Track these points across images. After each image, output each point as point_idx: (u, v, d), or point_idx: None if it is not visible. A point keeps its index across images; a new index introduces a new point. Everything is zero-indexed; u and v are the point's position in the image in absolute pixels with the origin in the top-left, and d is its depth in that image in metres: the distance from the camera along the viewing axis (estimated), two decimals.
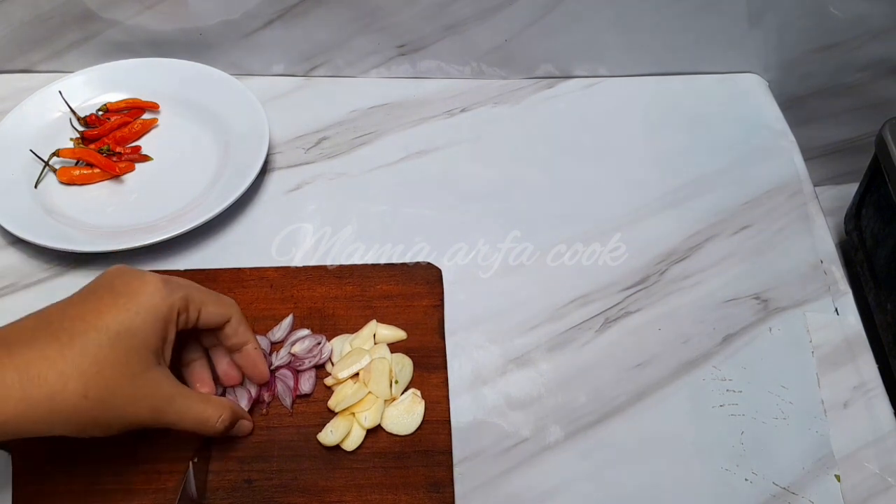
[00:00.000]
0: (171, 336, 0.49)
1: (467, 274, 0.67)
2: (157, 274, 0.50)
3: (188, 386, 0.54)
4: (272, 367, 0.57)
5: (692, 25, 0.79)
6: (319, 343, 0.59)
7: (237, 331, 0.54)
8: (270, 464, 0.54)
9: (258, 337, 0.59)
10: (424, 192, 0.73)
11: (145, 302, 0.47)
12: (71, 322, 0.46)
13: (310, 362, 0.58)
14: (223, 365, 0.56)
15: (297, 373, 0.58)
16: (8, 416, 0.43)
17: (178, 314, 0.49)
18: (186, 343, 0.55)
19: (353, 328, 0.61)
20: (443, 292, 0.63)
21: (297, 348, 0.59)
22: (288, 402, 0.56)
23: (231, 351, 0.55)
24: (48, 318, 0.47)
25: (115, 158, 0.73)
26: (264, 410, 0.56)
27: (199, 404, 0.51)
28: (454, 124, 0.79)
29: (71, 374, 0.44)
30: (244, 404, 0.56)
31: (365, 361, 0.57)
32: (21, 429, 0.44)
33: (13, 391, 0.43)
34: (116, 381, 0.46)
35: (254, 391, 0.56)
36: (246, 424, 0.55)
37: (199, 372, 0.55)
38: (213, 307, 0.52)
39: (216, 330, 0.54)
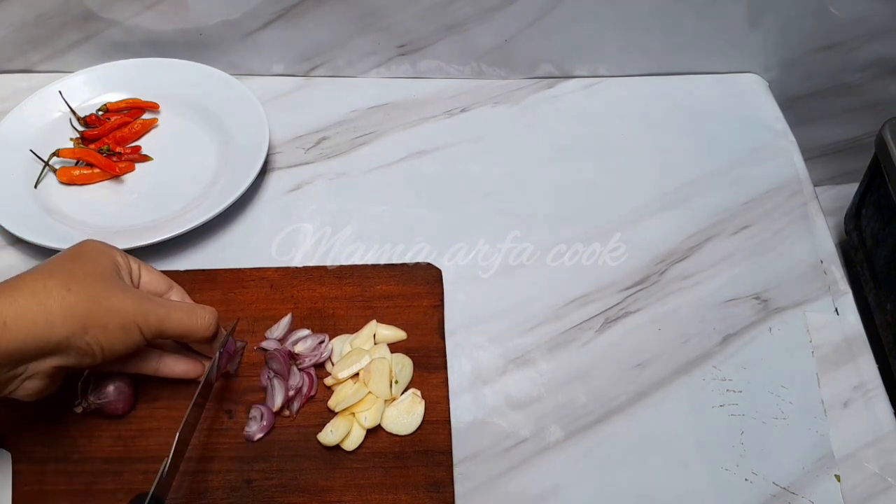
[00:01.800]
0: (124, 268, 0.53)
1: (467, 274, 0.67)
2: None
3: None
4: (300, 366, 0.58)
5: (692, 25, 0.79)
6: (322, 342, 0.59)
7: (183, 297, 0.57)
8: (270, 464, 0.54)
9: (270, 342, 0.59)
10: (424, 192, 0.73)
11: (89, 244, 0.53)
12: (32, 269, 0.51)
13: (311, 361, 0.58)
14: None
15: (312, 379, 0.58)
16: (6, 317, 0.46)
17: (120, 256, 0.54)
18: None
19: (353, 328, 0.61)
20: (443, 292, 0.63)
21: (299, 347, 0.59)
22: (296, 406, 0.56)
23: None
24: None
25: (115, 158, 0.73)
26: (287, 412, 0.56)
27: (182, 304, 0.55)
28: (454, 124, 0.79)
29: (45, 278, 0.48)
30: (279, 402, 0.56)
31: (365, 362, 0.57)
32: (24, 330, 0.46)
33: (1, 301, 0.46)
34: (92, 278, 0.50)
35: (284, 391, 0.57)
36: (224, 334, 0.57)
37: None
38: (151, 270, 0.56)
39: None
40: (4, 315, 0.46)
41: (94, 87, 0.78)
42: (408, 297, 0.62)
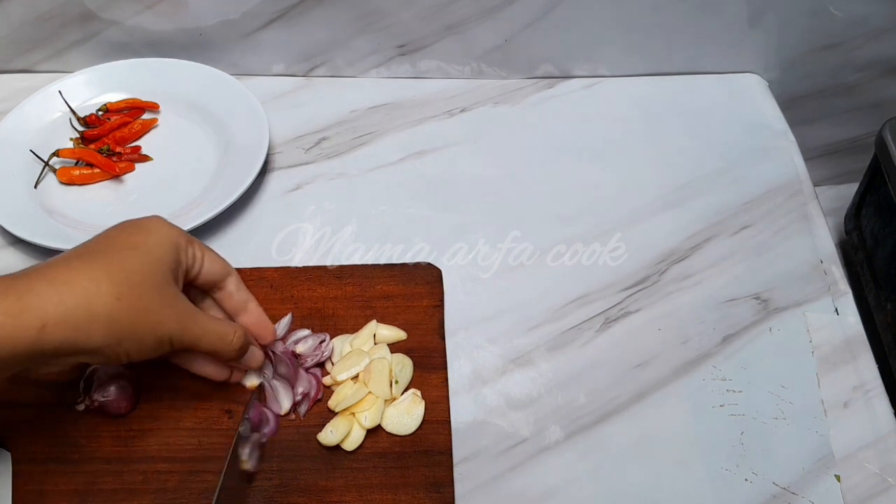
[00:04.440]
0: (184, 264, 0.51)
1: (467, 274, 0.67)
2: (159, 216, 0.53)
3: None
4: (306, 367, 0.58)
5: (692, 25, 0.79)
6: (323, 341, 0.59)
7: (239, 286, 0.55)
8: (270, 464, 0.54)
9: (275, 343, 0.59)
10: (424, 192, 0.73)
11: (155, 228, 0.51)
12: (90, 248, 0.49)
13: (313, 360, 0.58)
14: None
15: (319, 382, 0.58)
16: (48, 320, 0.43)
17: (185, 245, 0.51)
18: (198, 297, 0.55)
19: (353, 328, 0.61)
20: (443, 292, 0.63)
21: (300, 348, 0.59)
22: (304, 409, 0.57)
23: (235, 313, 0.56)
24: (68, 251, 0.49)
25: (115, 158, 0.73)
26: (293, 416, 0.56)
27: (217, 322, 0.53)
28: (454, 124, 0.79)
29: (102, 278, 0.46)
30: (286, 405, 0.56)
31: (363, 364, 0.57)
32: (62, 335, 0.44)
33: (48, 297, 0.44)
34: (144, 288, 0.47)
35: (291, 395, 0.57)
36: (257, 354, 0.56)
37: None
38: (214, 256, 0.54)
39: (216, 291, 0.55)
40: (47, 316, 0.43)
41: (94, 87, 0.78)
42: (408, 297, 0.62)
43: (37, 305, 0.43)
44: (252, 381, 0.57)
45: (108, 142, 0.74)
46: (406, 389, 0.57)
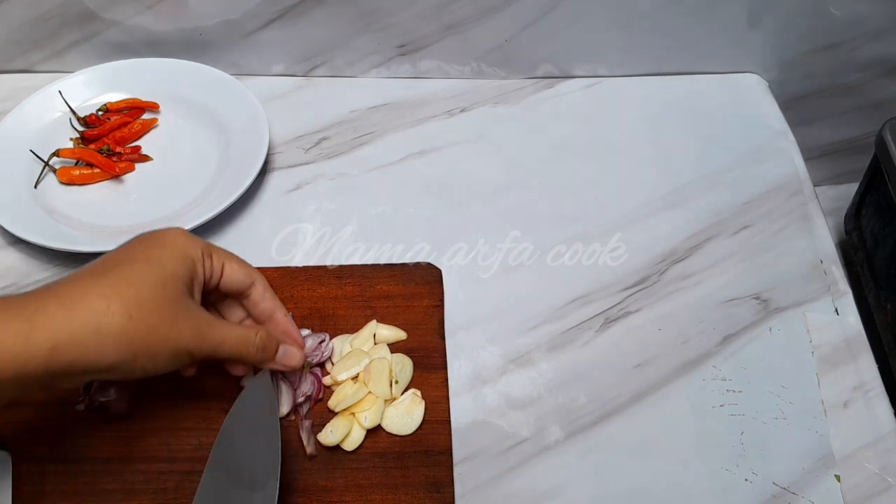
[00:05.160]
0: (200, 276, 0.51)
1: (467, 274, 0.67)
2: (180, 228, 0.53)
3: None
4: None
5: (692, 25, 0.79)
6: (323, 341, 0.59)
7: (264, 296, 0.55)
8: None
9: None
10: (424, 192, 0.73)
11: (171, 241, 0.50)
12: (104, 262, 0.48)
13: (313, 360, 0.58)
14: None
15: (319, 382, 0.58)
16: (58, 340, 0.43)
17: (203, 258, 0.51)
18: (229, 306, 0.56)
19: (353, 328, 0.61)
20: (443, 292, 0.63)
21: None
22: (304, 410, 0.56)
23: (261, 320, 0.55)
24: (83, 268, 0.48)
25: (115, 158, 0.73)
26: (293, 417, 0.56)
27: (237, 327, 0.53)
28: (454, 124, 0.79)
29: (111, 295, 0.45)
30: (285, 409, 0.56)
31: (363, 364, 0.57)
32: (73, 355, 0.44)
33: (57, 317, 0.43)
34: (156, 303, 0.47)
35: (291, 398, 0.57)
36: (292, 351, 0.55)
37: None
38: (236, 265, 0.54)
39: (243, 299, 0.55)
40: (57, 336, 0.43)
41: (94, 87, 0.78)
42: (408, 297, 0.62)
43: (47, 325, 0.43)
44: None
45: (108, 142, 0.74)
46: (406, 389, 0.57)
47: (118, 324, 0.45)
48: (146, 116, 0.78)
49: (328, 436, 0.54)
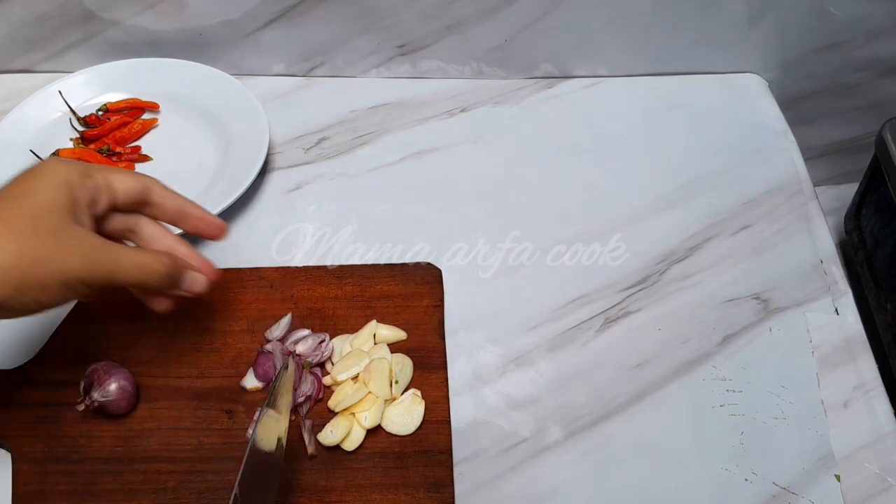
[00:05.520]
0: (82, 200, 0.48)
1: (467, 274, 0.67)
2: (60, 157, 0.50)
3: None
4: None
5: (692, 25, 0.79)
6: (323, 341, 0.59)
7: (166, 194, 0.53)
8: None
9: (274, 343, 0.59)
10: (424, 192, 0.73)
11: (45, 171, 0.48)
12: None
13: (313, 360, 0.58)
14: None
15: (320, 382, 0.58)
16: None
17: (82, 179, 0.49)
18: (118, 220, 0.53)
19: (353, 328, 0.61)
20: (443, 292, 0.63)
21: (300, 347, 0.59)
22: (305, 409, 0.56)
23: (175, 222, 0.54)
24: None
25: (115, 158, 0.73)
26: (293, 417, 0.56)
27: (135, 252, 0.50)
28: (454, 124, 0.79)
29: None
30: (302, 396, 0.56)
31: (363, 364, 0.57)
32: None
33: None
34: (32, 234, 0.45)
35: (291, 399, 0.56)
36: (198, 277, 0.53)
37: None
38: (123, 175, 0.51)
39: (146, 207, 0.52)
40: None
41: (94, 87, 0.78)
42: (408, 297, 0.62)
43: None
44: (254, 384, 0.57)
45: (108, 142, 0.74)
46: (406, 389, 0.57)
47: None
48: (146, 116, 0.78)
49: (328, 436, 0.54)
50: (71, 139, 0.75)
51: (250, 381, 0.58)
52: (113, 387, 0.55)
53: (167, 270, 0.51)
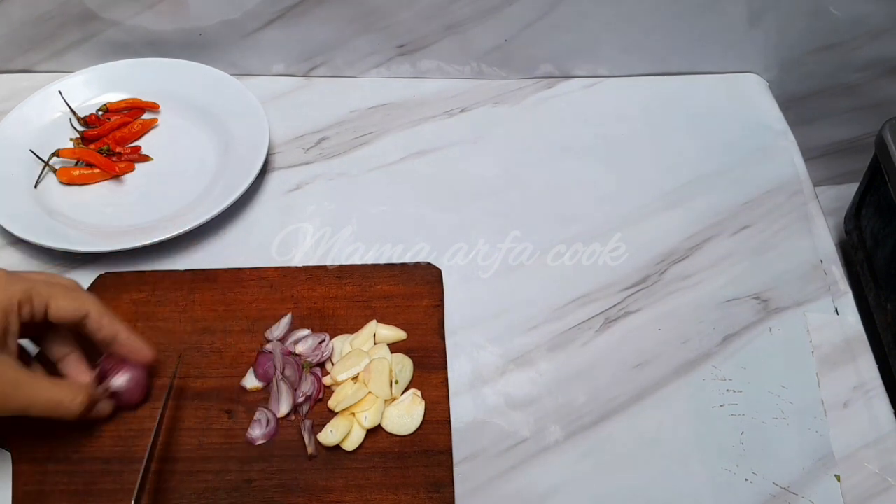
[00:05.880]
0: (13, 326, 0.49)
1: (467, 274, 0.67)
2: (1, 269, 0.51)
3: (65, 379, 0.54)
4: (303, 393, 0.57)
5: (692, 25, 0.79)
6: (323, 341, 0.59)
7: (101, 324, 0.53)
8: (270, 464, 0.54)
9: (274, 343, 0.59)
10: (424, 192, 0.73)
11: None
12: None
13: (313, 360, 0.58)
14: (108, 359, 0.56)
15: (320, 382, 0.58)
16: None
17: (21, 306, 0.50)
18: (56, 339, 0.54)
19: (353, 328, 0.61)
20: (443, 292, 0.63)
21: (300, 347, 0.59)
22: (305, 410, 0.56)
23: (106, 345, 0.54)
24: None
25: (115, 158, 0.73)
26: (293, 417, 0.56)
27: (51, 388, 0.51)
28: (454, 124, 0.79)
29: None
30: (284, 409, 0.56)
31: (363, 364, 0.57)
32: None
33: None
34: None
35: (291, 399, 0.56)
36: (104, 406, 0.54)
37: (74, 365, 0.55)
38: (63, 301, 0.52)
39: (79, 328, 0.53)
40: None
41: (94, 87, 0.78)
42: (408, 297, 0.62)
43: None
44: (254, 384, 0.57)
45: (108, 142, 0.74)
46: (406, 389, 0.57)
47: None
48: (146, 116, 0.78)
49: (328, 436, 0.54)
50: (71, 139, 0.75)
51: (250, 381, 0.58)
52: (125, 378, 0.55)
53: (79, 408, 0.52)
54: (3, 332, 0.49)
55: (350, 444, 0.55)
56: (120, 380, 0.55)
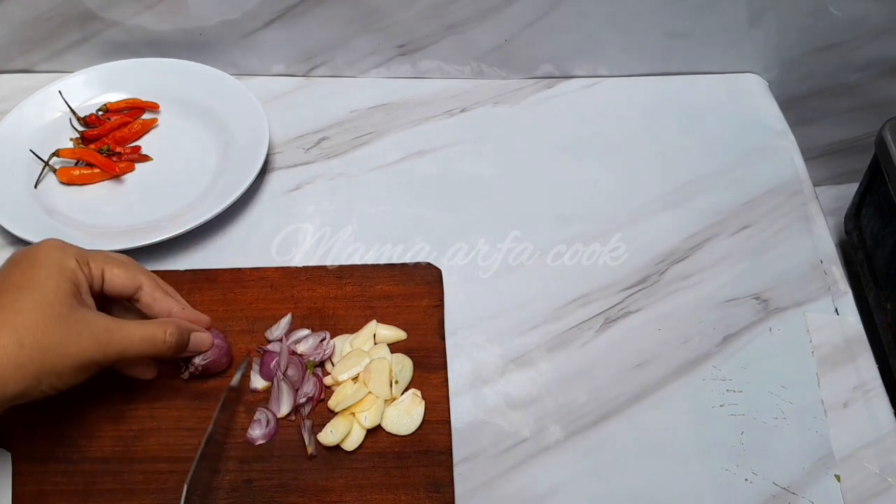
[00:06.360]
0: (84, 283, 0.51)
1: (467, 274, 0.67)
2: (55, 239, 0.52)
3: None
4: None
5: (692, 25, 0.79)
6: (324, 339, 0.59)
7: (154, 297, 0.54)
8: (270, 464, 0.54)
9: (275, 343, 0.59)
10: (424, 192, 0.73)
11: (45, 257, 0.50)
12: None
13: (314, 359, 0.58)
14: None
15: (321, 383, 0.58)
16: None
17: (80, 265, 0.51)
18: (118, 313, 0.54)
19: (353, 328, 0.61)
20: (443, 292, 0.63)
21: (301, 347, 0.59)
22: (306, 410, 0.56)
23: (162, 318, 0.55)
24: None
25: (115, 158, 0.73)
26: (293, 417, 0.56)
27: (141, 326, 0.52)
28: (454, 124, 0.79)
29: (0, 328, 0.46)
30: (285, 410, 0.56)
31: (363, 364, 0.57)
32: None
33: None
34: (46, 324, 0.47)
35: (292, 399, 0.56)
36: (203, 336, 0.55)
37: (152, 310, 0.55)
38: (117, 269, 0.53)
39: (133, 302, 0.54)
40: None
41: (94, 87, 0.78)
42: (408, 297, 0.62)
43: None
44: (259, 384, 0.57)
45: (108, 142, 0.74)
46: (406, 389, 0.57)
47: (13, 353, 0.45)
48: (146, 116, 0.78)
49: (328, 436, 0.54)
50: (71, 139, 0.75)
51: (254, 381, 0.58)
52: (210, 349, 0.56)
53: (174, 340, 0.53)
54: (76, 288, 0.50)
55: (350, 444, 0.55)
56: (206, 352, 0.56)
